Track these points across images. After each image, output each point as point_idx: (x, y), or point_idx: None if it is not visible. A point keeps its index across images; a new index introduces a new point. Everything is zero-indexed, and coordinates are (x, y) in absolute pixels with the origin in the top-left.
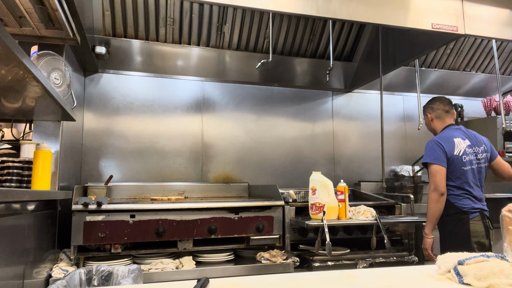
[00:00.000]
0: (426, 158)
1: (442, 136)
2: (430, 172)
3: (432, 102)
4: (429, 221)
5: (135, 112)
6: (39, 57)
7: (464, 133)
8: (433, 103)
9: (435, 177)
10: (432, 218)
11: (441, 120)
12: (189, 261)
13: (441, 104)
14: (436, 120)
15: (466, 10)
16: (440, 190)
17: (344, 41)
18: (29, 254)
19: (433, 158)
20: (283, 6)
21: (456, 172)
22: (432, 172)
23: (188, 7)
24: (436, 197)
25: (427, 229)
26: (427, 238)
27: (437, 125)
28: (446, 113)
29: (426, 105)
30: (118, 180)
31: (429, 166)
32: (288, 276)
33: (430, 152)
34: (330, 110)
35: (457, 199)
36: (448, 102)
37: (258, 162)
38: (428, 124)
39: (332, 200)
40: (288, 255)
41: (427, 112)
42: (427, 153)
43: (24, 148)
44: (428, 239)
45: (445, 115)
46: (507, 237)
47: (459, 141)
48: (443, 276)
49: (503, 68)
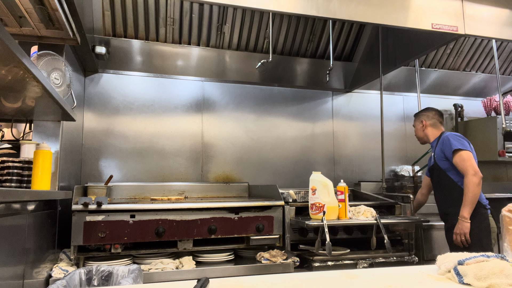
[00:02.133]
0: (457, 145)
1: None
2: (463, 158)
3: (427, 111)
4: (469, 205)
5: (135, 112)
6: (39, 57)
7: None
8: (429, 112)
9: (471, 162)
10: (473, 201)
11: (435, 127)
12: (189, 261)
13: (436, 114)
14: (431, 127)
15: (466, 10)
16: (480, 174)
17: (344, 41)
18: (29, 254)
19: (463, 145)
20: (283, 6)
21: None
22: (465, 158)
23: (188, 7)
24: (477, 180)
25: (466, 213)
26: (465, 222)
27: (432, 131)
28: (440, 123)
29: (420, 113)
30: (118, 180)
31: (459, 153)
32: (288, 276)
33: (456, 141)
34: (330, 110)
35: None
36: (441, 113)
37: (258, 162)
38: (419, 130)
39: (332, 200)
40: (288, 255)
41: (422, 119)
42: (454, 142)
43: (24, 148)
44: (467, 223)
45: (439, 124)
46: (507, 237)
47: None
48: (443, 276)
49: (503, 68)
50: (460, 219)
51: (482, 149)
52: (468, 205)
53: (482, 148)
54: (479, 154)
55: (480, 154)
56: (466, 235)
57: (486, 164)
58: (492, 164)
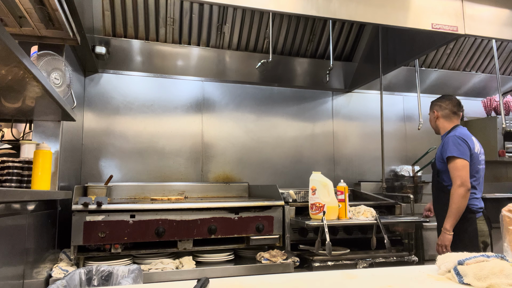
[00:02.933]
0: (452, 152)
1: (462, 133)
2: (455, 167)
3: (442, 100)
4: (452, 217)
5: (135, 112)
6: (39, 57)
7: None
8: (443, 101)
9: (461, 172)
10: (457, 213)
11: (448, 120)
12: (189, 261)
13: (450, 104)
14: (443, 119)
15: (466, 10)
16: (467, 185)
17: (344, 41)
18: (29, 254)
19: (460, 153)
20: (283, 6)
21: (473, 170)
22: (458, 166)
23: (188, 7)
24: (463, 192)
25: (448, 225)
26: (447, 234)
27: (443, 124)
28: (453, 114)
29: (435, 102)
30: (118, 180)
31: (454, 160)
32: (288, 276)
33: (455, 147)
34: (330, 110)
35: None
36: (457, 103)
37: (258, 162)
38: (432, 121)
39: (332, 200)
40: (288, 255)
41: (434, 109)
42: (452, 148)
43: (24, 148)
44: (449, 235)
45: (452, 116)
46: (507, 237)
47: (475, 139)
48: (443, 276)
49: (503, 68)
50: (443, 230)
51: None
52: (451, 217)
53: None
54: None
55: None
56: (447, 247)
57: (486, 164)
58: (492, 164)
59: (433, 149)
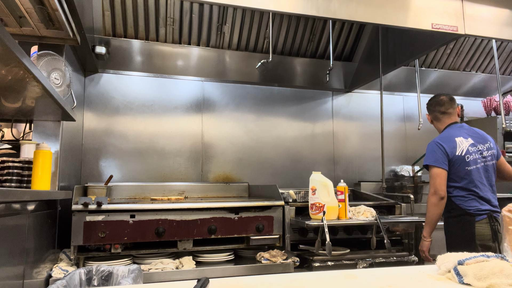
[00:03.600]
0: (427, 160)
1: (443, 137)
2: (430, 175)
3: (429, 102)
4: (428, 224)
5: (135, 112)
6: (39, 57)
7: (467, 131)
8: (430, 104)
9: (435, 180)
10: (431, 221)
11: (438, 121)
12: (189, 261)
13: (437, 105)
14: (435, 121)
15: (466, 10)
16: (440, 194)
17: (344, 41)
18: (29, 254)
19: (433, 160)
20: (283, 6)
21: (460, 172)
22: (432, 175)
23: (188, 7)
24: (435, 200)
25: (425, 232)
26: (425, 241)
27: (437, 125)
28: (442, 114)
29: (427, 104)
30: (118, 180)
31: (430, 169)
32: (288, 276)
33: (430, 154)
34: (330, 110)
35: (462, 201)
36: (443, 101)
37: (258, 162)
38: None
39: (332, 200)
40: (288, 255)
41: (427, 113)
42: (427, 155)
43: (24, 148)
44: (426, 241)
45: (441, 116)
46: (507, 237)
47: (461, 140)
48: (443, 276)
49: (503, 68)
50: (422, 237)
51: None
52: (426, 224)
53: None
54: None
55: None
56: (425, 253)
57: None
58: None
59: None
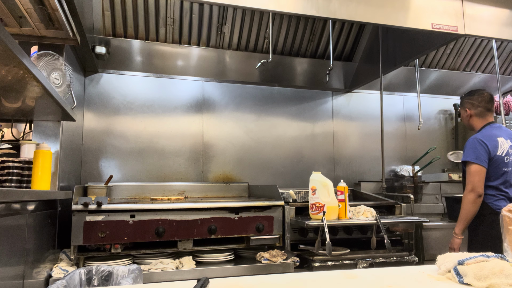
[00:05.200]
0: (467, 157)
1: (485, 135)
2: (469, 172)
3: (473, 97)
4: (462, 221)
5: (135, 112)
6: (39, 57)
7: (505, 132)
8: (474, 99)
9: (474, 178)
10: (466, 219)
11: (481, 117)
12: (189, 261)
13: (483, 101)
14: (476, 117)
15: (466, 10)
16: (478, 191)
17: (344, 41)
18: (29, 254)
19: (475, 157)
20: (283, 6)
21: (497, 172)
22: (471, 171)
23: (188, 7)
24: (473, 198)
25: (457, 229)
26: (457, 238)
27: (476, 122)
28: (487, 111)
29: (465, 99)
30: (118, 180)
31: (469, 165)
32: (288, 276)
33: (471, 150)
34: (330, 110)
35: (492, 200)
36: (490, 98)
37: (258, 162)
38: (464, 119)
39: (332, 200)
40: (288, 255)
41: (467, 108)
42: (468, 152)
43: (24, 148)
44: (458, 239)
45: (486, 113)
46: (507, 237)
47: (502, 140)
48: (443, 276)
49: (503, 68)
50: (453, 233)
51: None
52: (460, 221)
53: None
54: None
55: None
56: (455, 251)
57: None
58: None
59: (433, 149)
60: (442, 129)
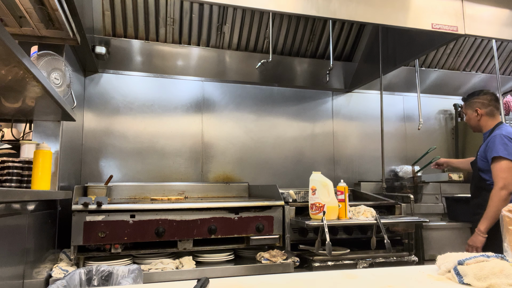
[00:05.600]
0: (498, 152)
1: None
2: (500, 168)
3: (482, 96)
4: (489, 219)
5: (135, 112)
6: (39, 57)
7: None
8: (484, 98)
9: (507, 174)
10: (494, 216)
11: (492, 117)
12: (189, 261)
13: (492, 100)
14: (487, 117)
15: (466, 10)
16: (510, 188)
17: (344, 41)
18: (29, 254)
19: (507, 153)
20: (283, 6)
21: None
22: (503, 168)
23: (188, 7)
24: (505, 195)
25: (483, 227)
26: (481, 236)
27: (487, 122)
28: (497, 109)
29: (474, 100)
30: (118, 180)
31: (499, 161)
32: (288, 276)
33: (502, 146)
34: (330, 110)
35: None
36: (497, 97)
37: (258, 162)
38: (473, 119)
39: (332, 200)
40: (288, 255)
41: (477, 107)
42: (498, 147)
43: (24, 148)
44: (482, 237)
45: (496, 112)
46: (507, 237)
47: None
48: (443, 276)
49: (503, 68)
50: (477, 231)
51: None
52: (487, 219)
53: None
54: None
55: None
56: (478, 250)
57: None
58: None
59: (433, 149)
60: (442, 129)
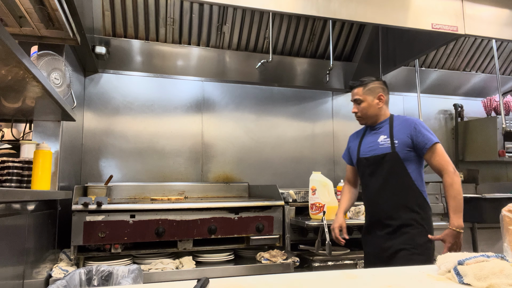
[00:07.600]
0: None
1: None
2: (439, 152)
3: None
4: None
5: (135, 112)
6: (39, 57)
7: None
8: (383, 84)
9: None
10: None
11: (387, 106)
12: (189, 261)
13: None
14: (386, 106)
15: (466, 10)
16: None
17: (344, 41)
18: (29, 254)
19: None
20: (283, 6)
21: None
22: (442, 152)
23: (188, 7)
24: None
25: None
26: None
27: (385, 111)
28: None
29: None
30: (118, 180)
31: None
32: (288, 276)
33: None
34: (330, 110)
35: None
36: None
37: (258, 162)
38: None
39: (332, 200)
40: (288, 255)
41: (381, 94)
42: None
43: (24, 148)
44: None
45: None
46: (507, 237)
47: None
48: (443, 276)
49: (503, 68)
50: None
51: (482, 149)
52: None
53: (482, 148)
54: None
55: (480, 154)
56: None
57: (486, 164)
58: (492, 164)
59: None
60: (442, 129)
